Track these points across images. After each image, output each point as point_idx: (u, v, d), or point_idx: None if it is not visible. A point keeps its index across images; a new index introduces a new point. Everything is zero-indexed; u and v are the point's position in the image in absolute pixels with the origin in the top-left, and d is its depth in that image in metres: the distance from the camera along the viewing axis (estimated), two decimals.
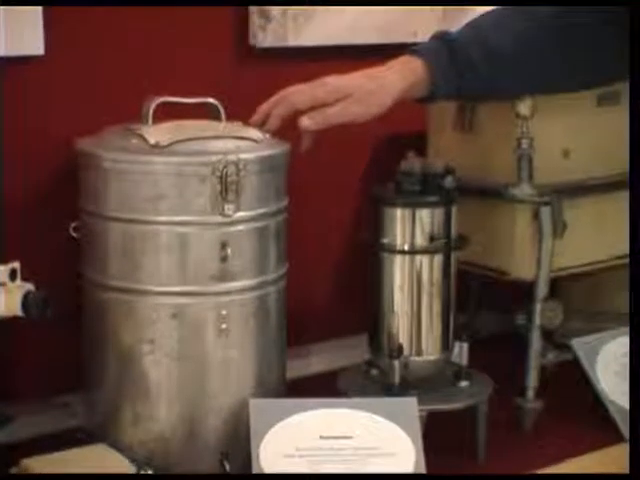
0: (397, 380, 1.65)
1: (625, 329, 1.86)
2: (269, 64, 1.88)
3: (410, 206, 1.67)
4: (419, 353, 1.70)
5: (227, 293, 1.57)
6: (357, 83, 1.58)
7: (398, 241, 1.68)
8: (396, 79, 1.60)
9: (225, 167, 1.52)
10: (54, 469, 1.45)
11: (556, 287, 1.91)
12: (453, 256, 1.70)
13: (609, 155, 1.87)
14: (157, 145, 1.54)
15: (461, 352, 1.72)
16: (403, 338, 1.69)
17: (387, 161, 1.76)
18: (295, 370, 1.81)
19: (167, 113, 1.60)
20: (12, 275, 1.46)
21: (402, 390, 1.64)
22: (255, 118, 1.62)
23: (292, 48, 1.91)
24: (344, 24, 1.96)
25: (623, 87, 1.81)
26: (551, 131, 1.80)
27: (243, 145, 1.58)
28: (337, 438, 1.52)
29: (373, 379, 1.72)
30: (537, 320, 1.78)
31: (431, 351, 1.71)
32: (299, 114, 1.57)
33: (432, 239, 1.67)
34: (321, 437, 1.52)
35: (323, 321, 1.99)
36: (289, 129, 1.60)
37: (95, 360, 1.61)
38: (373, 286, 1.72)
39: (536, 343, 1.78)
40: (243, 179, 1.54)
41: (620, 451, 1.71)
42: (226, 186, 1.53)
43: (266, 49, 1.89)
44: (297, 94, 1.57)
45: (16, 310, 1.45)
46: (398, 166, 1.70)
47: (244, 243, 1.57)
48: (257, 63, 1.89)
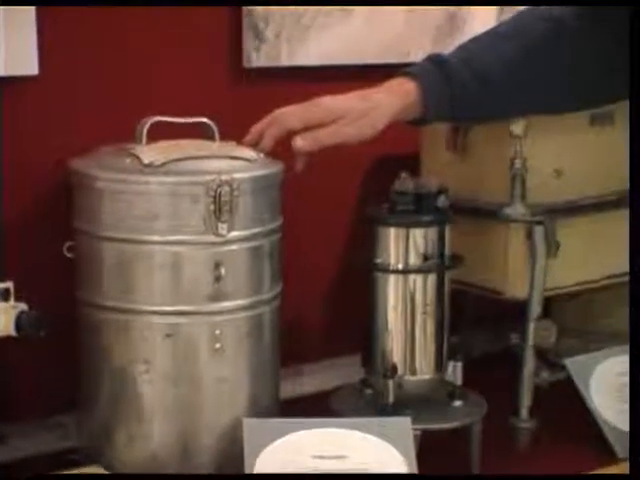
0: (391, 400, 1.66)
1: (618, 349, 1.87)
2: (262, 84, 1.89)
3: (404, 226, 1.67)
4: (413, 372, 1.70)
5: (221, 313, 1.56)
6: (350, 105, 1.59)
7: (392, 260, 1.68)
8: (389, 101, 1.60)
9: (219, 187, 1.52)
10: None
11: (549, 306, 1.93)
12: (447, 275, 1.71)
13: (602, 175, 1.88)
14: (151, 165, 1.54)
15: (455, 371, 1.72)
16: (397, 357, 1.69)
17: (381, 181, 1.76)
18: (289, 390, 1.81)
19: (161, 133, 1.60)
20: (5, 295, 1.46)
21: (396, 410, 1.64)
22: (249, 138, 1.62)
23: (285, 68, 1.91)
24: (337, 45, 1.97)
25: (616, 107, 1.82)
26: (544, 151, 1.80)
27: (237, 165, 1.58)
28: (331, 458, 1.51)
29: (367, 399, 1.72)
30: (531, 339, 1.78)
31: (425, 370, 1.71)
32: (292, 134, 1.57)
33: (426, 258, 1.68)
34: (314, 457, 1.51)
35: (317, 341, 1.99)
36: (284, 149, 1.60)
37: (89, 380, 1.60)
38: (367, 305, 1.72)
39: (530, 362, 1.78)
40: (237, 199, 1.54)
41: (612, 471, 1.72)
42: (220, 206, 1.53)
43: (259, 69, 1.89)
44: (290, 115, 1.57)
45: (9, 330, 1.46)
46: (392, 186, 1.70)
47: (238, 263, 1.57)
48: (251, 83, 1.89)
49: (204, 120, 1.63)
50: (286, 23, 1.90)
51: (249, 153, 1.62)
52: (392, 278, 1.69)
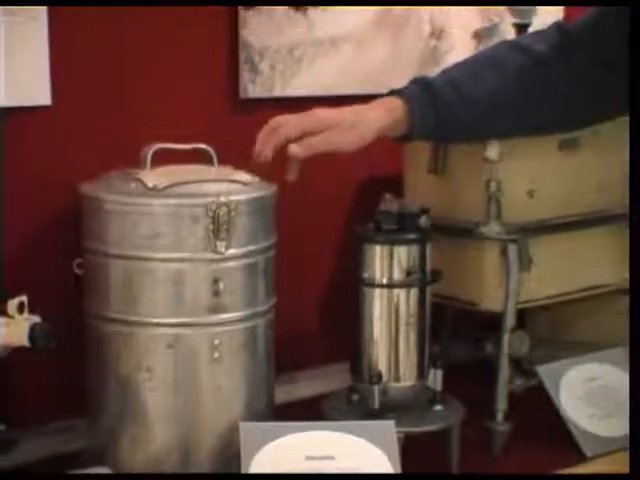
0: (377, 404, 1.65)
1: (585, 356, 1.88)
2: (258, 113, 1.86)
3: (388, 243, 1.67)
4: (397, 379, 1.69)
5: (219, 324, 1.56)
6: (342, 116, 1.59)
7: (377, 276, 1.68)
8: (377, 116, 1.60)
9: (217, 208, 1.53)
10: None
11: (523, 318, 1.92)
12: (428, 289, 1.71)
13: (571, 196, 1.88)
14: (154, 188, 1.54)
15: (435, 378, 1.72)
16: (382, 365, 1.69)
17: (367, 202, 1.76)
18: (282, 395, 1.80)
19: (164, 158, 1.60)
20: (20, 308, 1.46)
21: (381, 414, 1.63)
22: (256, 150, 1.60)
23: (279, 98, 1.92)
24: (326, 77, 1.98)
25: (581, 134, 1.83)
26: (517, 174, 1.80)
27: (234, 187, 1.58)
28: (321, 459, 1.51)
29: (354, 404, 1.71)
30: (505, 348, 1.78)
31: (408, 377, 1.70)
32: (289, 143, 1.57)
33: (409, 274, 1.68)
34: (306, 458, 1.51)
35: (308, 350, 1.99)
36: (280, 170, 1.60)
37: (97, 387, 1.60)
38: (355, 317, 1.71)
39: (504, 370, 1.78)
40: (234, 219, 1.54)
41: (581, 470, 1.72)
42: (218, 225, 1.53)
43: (255, 100, 1.90)
44: (287, 124, 1.56)
45: (23, 341, 1.46)
46: (377, 206, 1.70)
47: (235, 278, 1.57)
48: (247, 113, 1.89)
49: (203, 146, 1.64)
50: (279, 57, 1.91)
51: (245, 177, 1.62)
52: (378, 292, 1.68)
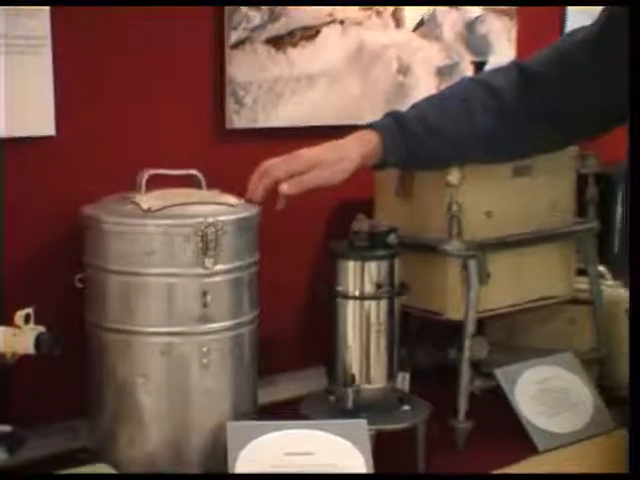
0: (350, 405, 1.65)
1: (538, 360, 1.88)
2: (242, 142, 1.89)
3: (360, 259, 1.67)
4: (368, 382, 1.69)
5: (208, 333, 1.56)
6: (324, 155, 1.59)
7: (350, 288, 1.68)
8: (355, 149, 1.60)
9: (206, 228, 1.53)
10: None
11: (482, 325, 1.92)
12: (396, 301, 1.70)
13: (524, 216, 1.88)
14: (149, 210, 1.54)
15: (403, 381, 1.72)
16: (355, 369, 1.69)
17: (341, 222, 1.76)
18: (265, 397, 1.79)
19: (157, 183, 1.61)
20: (26, 319, 1.45)
21: (355, 413, 1.63)
22: (249, 192, 1.60)
23: (261, 129, 1.91)
24: (304, 110, 1.97)
25: (534, 161, 1.84)
26: (476, 197, 1.80)
27: (220, 209, 1.58)
28: (301, 455, 1.51)
29: (330, 404, 1.70)
30: (466, 353, 1.77)
31: (378, 380, 1.70)
32: (279, 183, 1.57)
33: (379, 287, 1.67)
34: (287, 454, 1.50)
35: (288, 355, 1.97)
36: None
37: (97, 390, 1.60)
38: (330, 326, 1.71)
39: (466, 373, 1.77)
40: (221, 238, 1.54)
41: (534, 462, 1.73)
42: (206, 244, 1.53)
43: (239, 130, 1.89)
44: (276, 167, 1.57)
45: (29, 349, 1.44)
46: (350, 226, 1.70)
47: (222, 291, 1.57)
48: (232, 142, 1.89)
49: (193, 172, 1.64)
50: (262, 91, 1.90)
51: (231, 199, 1.62)
52: (351, 303, 1.68)
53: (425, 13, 2.12)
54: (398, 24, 2.09)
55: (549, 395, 1.83)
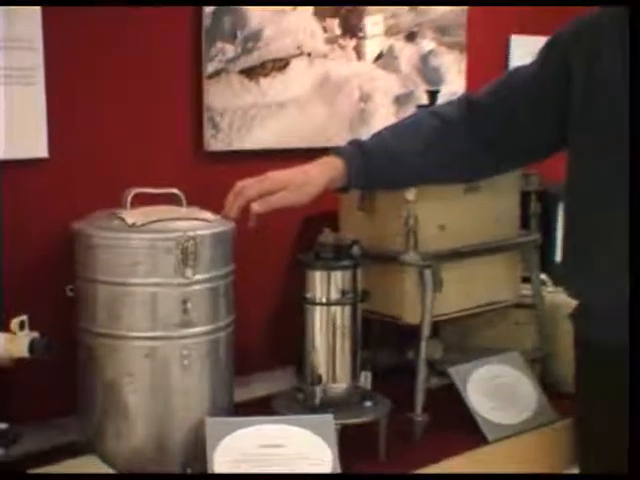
0: (318, 402, 1.66)
1: (487, 359, 1.88)
2: (219, 163, 1.88)
3: (326, 269, 1.68)
4: (334, 381, 1.69)
5: (188, 337, 1.56)
6: (292, 178, 1.58)
7: (317, 295, 1.68)
8: (320, 174, 1.60)
9: (186, 241, 1.53)
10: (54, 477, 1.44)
11: (436, 328, 1.91)
12: (359, 306, 1.71)
13: (473, 229, 1.88)
14: (134, 225, 1.54)
15: (366, 379, 1.72)
16: (322, 369, 1.69)
17: (309, 235, 1.77)
18: (240, 395, 1.78)
19: (142, 201, 1.60)
20: (21, 326, 1.45)
21: (322, 409, 1.64)
22: (226, 210, 1.59)
23: (236, 151, 1.91)
24: (274, 134, 1.97)
25: (484, 181, 1.84)
26: (430, 212, 1.81)
27: (199, 224, 1.58)
28: (273, 447, 1.52)
29: (300, 401, 1.70)
30: (423, 354, 1.77)
31: (343, 379, 1.70)
32: (251, 202, 1.57)
33: (343, 294, 1.68)
34: (260, 446, 1.51)
35: (262, 357, 1.96)
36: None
37: (86, 390, 1.59)
38: (299, 330, 1.71)
39: (422, 372, 1.77)
40: (200, 250, 1.55)
41: (485, 452, 1.73)
42: (186, 255, 1.53)
43: (216, 152, 1.89)
44: (249, 188, 1.57)
45: (24, 352, 1.45)
46: (317, 238, 1.71)
47: (201, 299, 1.57)
48: (209, 163, 1.88)
49: (174, 191, 1.64)
50: (236, 117, 1.90)
51: (209, 215, 1.62)
52: (318, 309, 1.69)
53: (384, 47, 2.13)
54: (360, 57, 2.09)
55: (497, 390, 1.83)
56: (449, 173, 1.71)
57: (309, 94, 2.01)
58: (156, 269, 1.52)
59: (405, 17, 2.16)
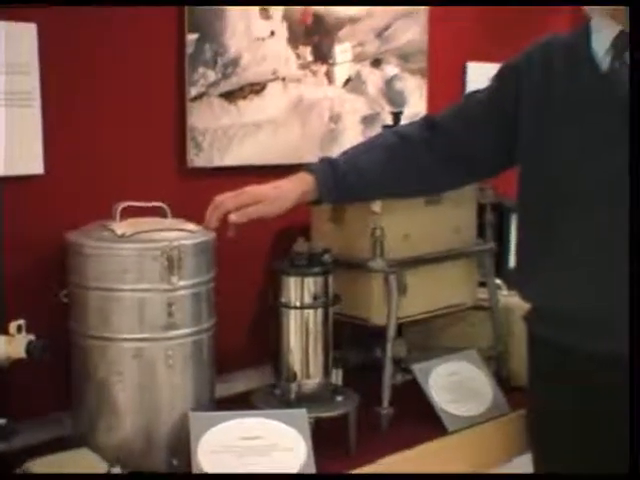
0: (293, 397, 1.66)
1: (448, 357, 1.88)
2: (201, 179, 1.88)
3: (300, 275, 1.68)
4: (308, 377, 1.70)
5: (172, 339, 1.56)
6: (267, 192, 1.58)
7: (292, 300, 1.69)
8: (293, 189, 1.60)
9: (171, 250, 1.53)
10: (49, 468, 1.43)
11: (401, 329, 1.92)
12: (330, 310, 1.71)
13: (435, 238, 1.89)
14: (123, 235, 1.54)
15: (337, 376, 1.73)
16: (297, 367, 1.69)
17: (284, 244, 1.77)
18: (222, 391, 1.78)
19: (130, 213, 1.60)
20: (19, 329, 1.45)
21: (296, 404, 1.64)
22: (207, 221, 1.59)
23: (216, 167, 1.91)
24: (252, 152, 1.97)
25: (443, 195, 1.86)
26: (395, 223, 1.81)
27: (183, 235, 1.58)
28: (252, 438, 1.51)
29: (276, 396, 1.70)
30: (389, 353, 1.77)
31: (316, 376, 1.70)
32: (229, 214, 1.57)
33: (315, 298, 1.69)
34: (240, 438, 1.51)
35: (241, 356, 1.95)
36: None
37: (79, 387, 1.59)
38: (276, 331, 1.71)
39: (388, 369, 1.77)
40: (183, 258, 1.55)
41: (445, 441, 1.74)
42: (171, 263, 1.53)
43: (199, 168, 1.89)
44: (227, 202, 1.56)
45: (22, 354, 1.44)
46: (291, 247, 1.71)
47: (184, 303, 1.57)
48: (192, 178, 1.88)
49: (160, 204, 1.64)
50: (217, 136, 1.90)
51: (192, 226, 1.62)
52: (292, 312, 1.69)
53: (352, 72, 2.14)
54: (330, 81, 2.10)
55: (457, 385, 1.84)
56: (411, 187, 1.72)
57: (284, 115, 2.02)
58: (143, 276, 1.52)
59: (371, 45, 2.17)
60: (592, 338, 1.50)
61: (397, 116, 1.93)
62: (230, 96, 1.92)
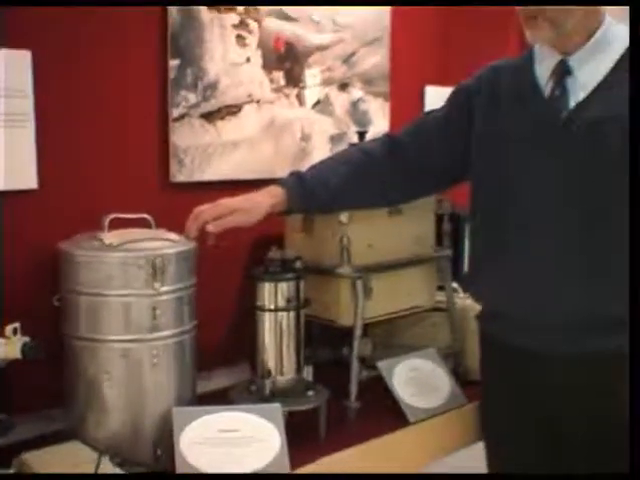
0: (267, 392, 1.66)
1: (410, 355, 1.89)
2: (183, 192, 1.88)
3: (274, 281, 1.69)
4: (281, 374, 1.70)
5: (157, 340, 1.56)
6: (240, 204, 1.58)
7: (267, 303, 1.69)
8: (265, 200, 1.60)
9: (155, 259, 1.53)
10: (44, 459, 1.43)
11: (367, 329, 1.90)
12: (302, 312, 1.72)
13: (396, 246, 1.90)
14: (111, 245, 1.54)
15: (308, 373, 1.73)
16: (271, 364, 1.70)
17: (260, 252, 1.77)
18: (203, 387, 1.77)
19: (117, 224, 1.60)
20: (14, 331, 1.44)
21: (271, 398, 1.64)
22: (186, 231, 1.59)
23: (197, 182, 1.91)
24: (229, 168, 1.97)
25: (404, 205, 1.86)
26: (360, 232, 1.83)
27: (166, 244, 1.59)
28: (230, 431, 1.51)
29: (252, 392, 1.70)
30: (355, 351, 1.79)
31: (289, 372, 1.71)
32: (206, 223, 1.58)
33: (288, 301, 1.69)
34: (219, 430, 1.51)
35: (220, 355, 1.94)
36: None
37: (70, 385, 1.58)
38: (253, 332, 1.71)
39: (355, 366, 1.79)
40: (166, 266, 1.55)
41: (407, 431, 1.74)
42: (155, 271, 1.53)
43: (181, 183, 1.89)
44: (204, 212, 1.57)
45: (17, 355, 1.43)
46: (266, 255, 1.72)
47: (168, 307, 1.57)
48: (175, 192, 1.88)
49: (145, 216, 1.64)
50: (197, 153, 1.90)
51: (174, 236, 1.63)
52: (267, 314, 1.69)
53: (321, 95, 2.15)
54: (301, 103, 2.11)
55: (418, 380, 1.84)
56: (372, 199, 1.73)
57: (258, 135, 2.03)
58: (129, 282, 1.52)
59: (338, 70, 2.19)
60: (527, 336, 1.53)
61: (362, 135, 1.94)
62: (209, 117, 1.92)
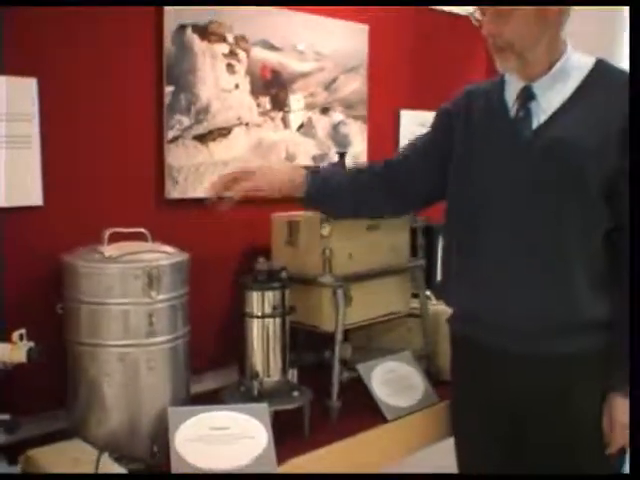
0: (255, 393, 1.66)
1: (387, 357, 1.89)
2: (177, 208, 1.88)
3: (261, 289, 1.69)
4: (268, 376, 1.70)
5: (153, 345, 1.56)
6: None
7: (254, 310, 1.69)
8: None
9: (151, 269, 1.54)
10: (48, 456, 1.42)
11: (347, 334, 1.93)
12: (287, 318, 1.72)
13: (374, 257, 1.90)
14: (110, 257, 1.54)
15: (293, 375, 1.74)
16: (259, 367, 1.70)
17: (248, 263, 1.77)
18: (195, 388, 1.77)
19: (116, 238, 1.60)
20: (20, 337, 1.44)
21: (259, 398, 1.64)
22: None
23: (190, 199, 1.90)
24: None
25: (381, 220, 1.88)
26: (341, 244, 1.83)
27: (161, 256, 1.59)
28: (221, 429, 1.52)
29: (242, 392, 1.70)
30: (337, 354, 1.78)
31: (275, 374, 1.71)
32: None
33: (274, 308, 1.70)
34: (211, 428, 1.51)
35: (212, 358, 1.93)
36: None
37: (73, 387, 1.58)
38: (242, 337, 1.72)
39: (337, 368, 1.78)
40: (162, 276, 1.55)
41: (385, 428, 1.75)
42: (151, 280, 1.54)
43: (175, 199, 1.89)
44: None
45: (23, 359, 1.43)
46: (254, 266, 1.72)
47: (163, 314, 1.57)
48: (170, 208, 1.88)
49: (142, 230, 1.64)
50: (190, 172, 1.90)
51: (169, 249, 1.63)
52: (255, 321, 1.70)
53: (304, 119, 2.15)
54: (286, 126, 2.11)
55: (394, 381, 1.85)
56: (364, 211, 1.76)
57: (247, 155, 2.02)
58: (127, 291, 1.53)
59: (320, 95, 2.19)
60: (493, 338, 1.55)
61: (342, 156, 1.94)
62: (202, 138, 1.92)
